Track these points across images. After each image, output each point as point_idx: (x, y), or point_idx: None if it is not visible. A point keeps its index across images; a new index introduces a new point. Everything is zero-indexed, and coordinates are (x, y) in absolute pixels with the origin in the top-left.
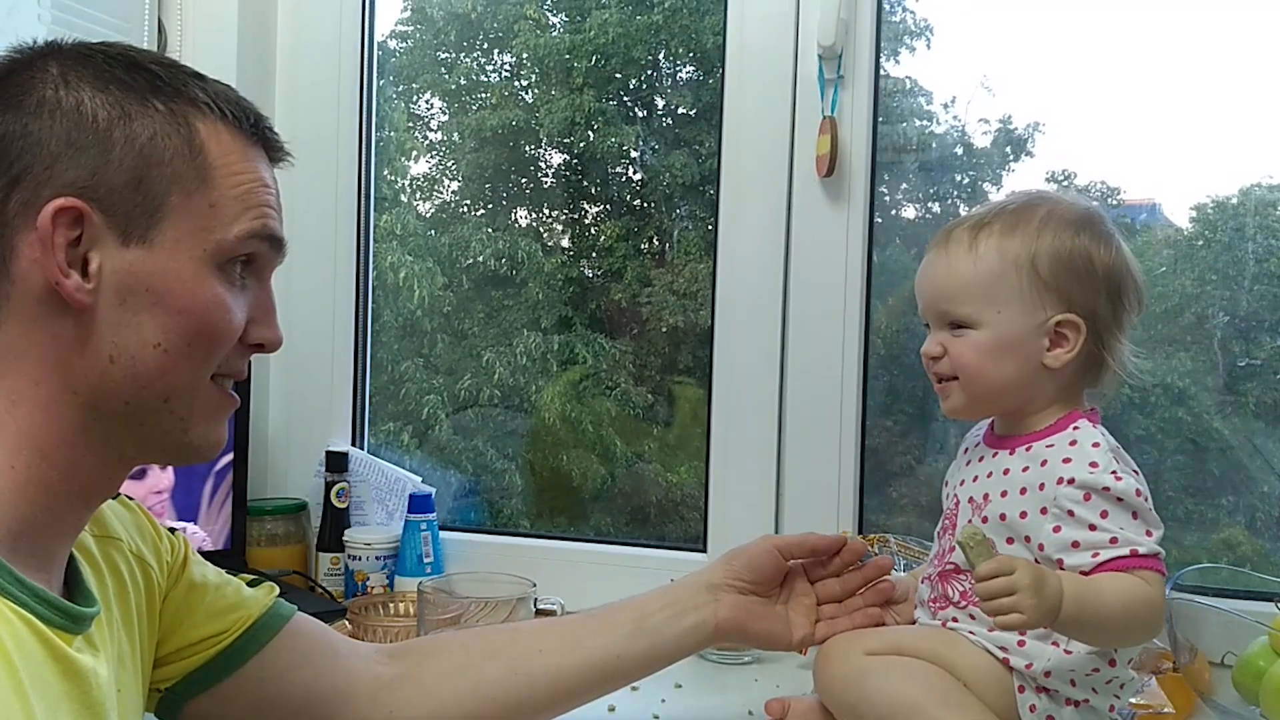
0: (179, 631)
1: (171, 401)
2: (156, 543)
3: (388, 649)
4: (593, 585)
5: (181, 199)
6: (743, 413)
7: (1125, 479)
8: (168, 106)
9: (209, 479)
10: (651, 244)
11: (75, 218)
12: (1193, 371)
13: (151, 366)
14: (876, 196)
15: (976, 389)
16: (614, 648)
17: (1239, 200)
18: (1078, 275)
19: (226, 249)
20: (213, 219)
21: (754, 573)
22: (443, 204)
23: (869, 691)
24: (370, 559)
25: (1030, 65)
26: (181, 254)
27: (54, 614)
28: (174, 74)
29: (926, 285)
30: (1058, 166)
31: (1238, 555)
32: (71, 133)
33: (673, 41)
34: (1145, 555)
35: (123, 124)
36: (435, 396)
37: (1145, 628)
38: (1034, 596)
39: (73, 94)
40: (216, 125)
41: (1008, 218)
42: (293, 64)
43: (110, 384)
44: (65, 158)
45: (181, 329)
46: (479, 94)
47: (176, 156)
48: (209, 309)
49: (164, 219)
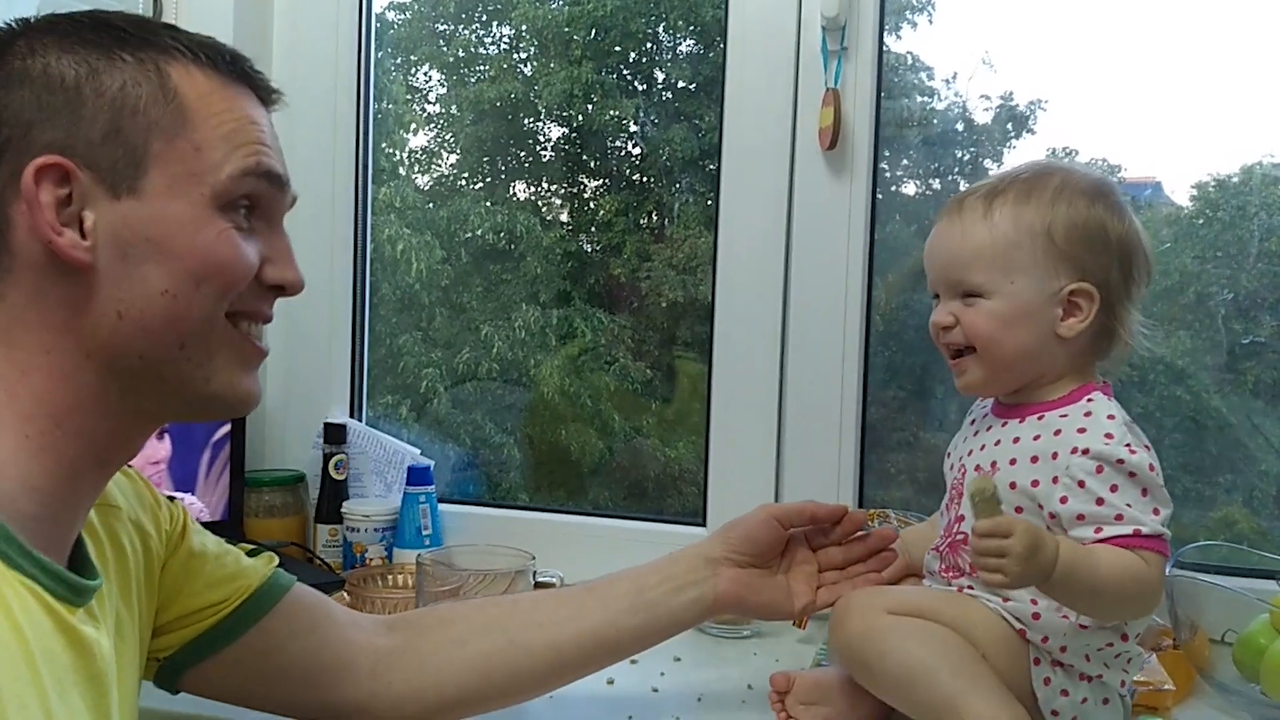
0: (178, 600)
1: (187, 348)
2: (156, 511)
3: (386, 620)
4: (591, 558)
5: (163, 145)
6: (743, 388)
7: (1139, 453)
8: (135, 56)
9: (207, 449)
10: (651, 219)
11: (60, 176)
12: (1193, 350)
13: (161, 315)
14: (878, 171)
15: (992, 358)
16: (612, 621)
17: (1241, 179)
18: (1092, 244)
19: (222, 190)
20: (201, 162)
21: (752, 544)
22: (441, 177)
23: (886, 650)
24: (369, 531)
25: (1032, 42)
26: (177, 200)
27: (60, 586)
28: (142, 26)
29: (939, 254)
30: (1059, 143)
31: (1235, 533)
32: (42, 96)
33: (672, 14)
34: (1148, 535)
35: (91, 80)
36: (434, 370)
37: (1137, 605)
38: (1021, 564)
39: (39, 59)
40: (189, 67)
41: (1022, 186)
42: (290, 36)
43: (121, 340)
44: (39, 122)
45: (187, 272)
46: (478, 66)
47: (150, 103)
48: (214, 246)
49: (150, 167)
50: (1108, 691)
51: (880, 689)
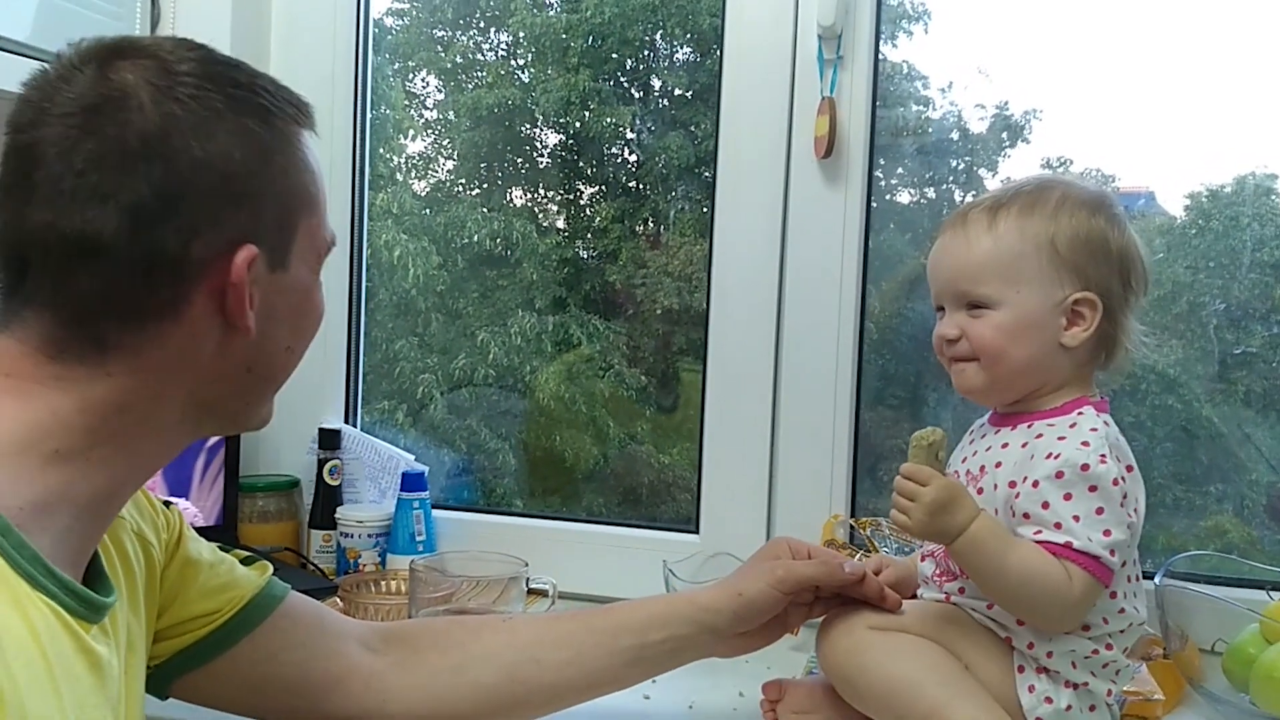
0: (172, 608)
1: (274, 384)
2: (154, 519)
3: (382, 630)
4: (585, 565)
5: (304, 221)
6: (737, 395)
7: (1109, 464)
8: (283, 133)
9: (201, 455)
10: (647, 225)
11: (251, 259)
12: (1184, 359)
13: (278, 366)
14: (873, 180)
15: (997, 370)
16: (612, 671)
17: (1234, 189)
18: (1094, 255)
19: (322, 258)
20: (318, 233)
21: (760, 618)
22: (438, 183)
23: (869, 666)
24: (362, 536)
25: (1027, 52)
26: (304, 269)
27: (78, 604)
28: (277, 97)
29: (944, 266)
30: (1054, 153)
31: (1226, 542)
32: (228, 183)
33: (669, 21)
34: (1078, 551)
35: (262, 166)
36: (430, 375)
37: (1042, 611)
38: (925, 514)
39: (213, 144)
40: (304, 134)
41: (1025, 199)
42: (287, 41)
43: (236, 389)
44: (227, 208)
45: (306, 331)
46: (475, 72)
47: (302, 186)
48: (319, 308)
49: (293, 241)
50: (1094, 699)
51: (866, 704)
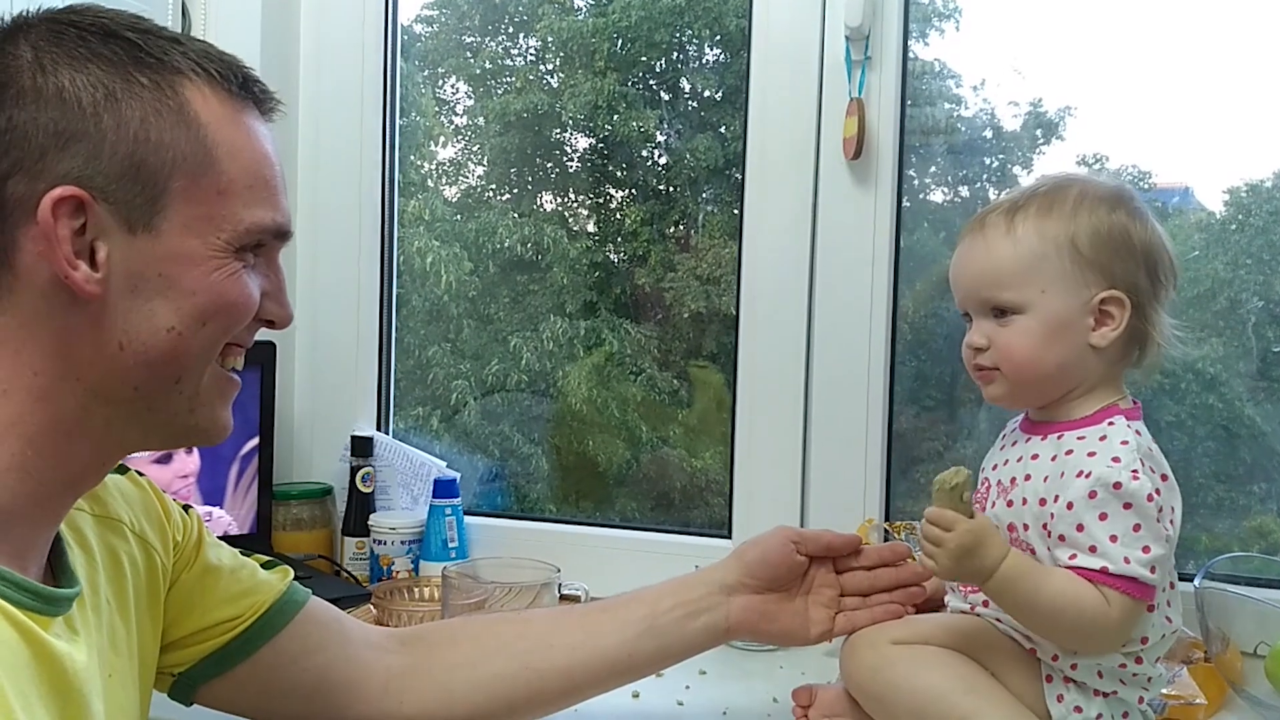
0: (193, 615)
1: (182, 382)
2: (164, 522)
3: (400, 635)
4: (617, 571)
5: (186, 183)
6: (768, 398)
7: (1143, 480)
8: (152, 79)
9: (235, 463)
10: (676, 228)
11: (76, 206)
12: (1225, 357)
13: (164, 350)
14: (905, 180)
15: (1022, 377)
16: (625, 646)
17: (1273, 183)
18: (1117, 251)
19: (239, 237)
20: (222, 206)
21: (768, 569)
22: (469, 189)
23: (895, 680)
24: (395, 544)
25: (1061, 48)
26: (193, 239)
27: (26, 597)
28: (153, 41)
29: (965, 273)
30: (1089, 150)
31: (1269, 543)
32: (58, 122)
33: (697, 24)
34: (1115, 575)
35: (110, 107)
36: (463, 381)
37: (1079, 637)
38: (951, 560)
39: (51, 79)
40: (203, 88)
41: (1042, 199)
42: (317, 48)
43: (119, 370)
44: (55, 149)
45: (195, 309)
46: (504, 78)
47: (172, 138)
48: (225, 286)
49: (169, 204)
50: (1125, 706)
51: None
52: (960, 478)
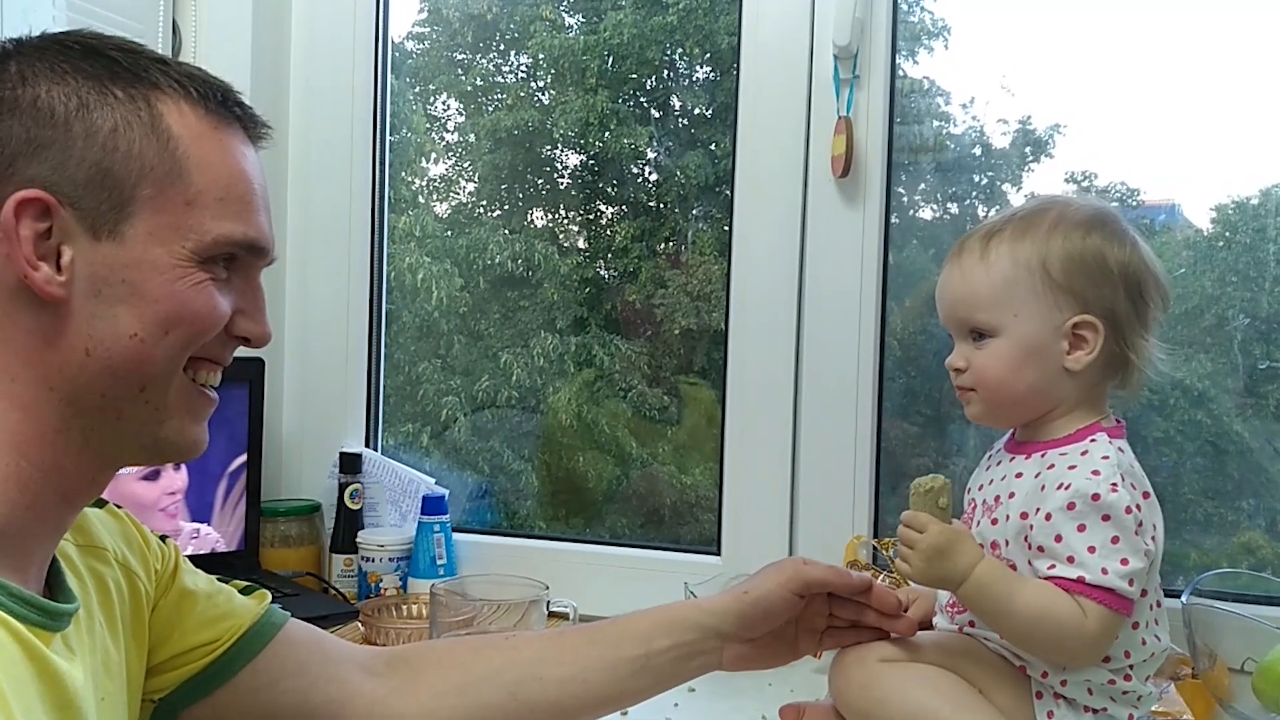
0: (171, 640)
1: (147, 391)
2: (144, 551)
3: (384, 655)
4: (606, 588)
5: (153, 192)
6: (757, 414)
7: (1121, 493)
8: (126, 92)
9: (223, 480)
10: (666, 245)
11: (41, 210)
12: (1212, 373)
13: (127, 357)
14: (893, 197)
15: (997, 398)
16: (618, 684)
17: (1260, 201)
18: (1091, 275)
19: (206, 248)
20: (190, 216)
21: (770, 623)
22: (459, 205)
23: (884, 697)
24: (383, 561)
25: (1050, 66)
26: (158, 247)
27: (29, 611)
28: (133, 56)
29: (944, 296)
30: (1077, 167)
31: (1258, 559)
32: (31, 129)
33: (687, 42)
34: (1092, 585)
35: (81, 115)
36: (453, 398)
37: (1054, 648)
38: (923, 560)
39: (29, 89)
40: (180, 103)
41: (1018, 224)
42: (307, 66)
43: (86, 377)
44: (25, 154)
45: (158, 317)
46: (495, 95)
47: (143, 147)
48: (189, 296)
49: (135, 212)
50: None
51: None
52: (936, 483)
